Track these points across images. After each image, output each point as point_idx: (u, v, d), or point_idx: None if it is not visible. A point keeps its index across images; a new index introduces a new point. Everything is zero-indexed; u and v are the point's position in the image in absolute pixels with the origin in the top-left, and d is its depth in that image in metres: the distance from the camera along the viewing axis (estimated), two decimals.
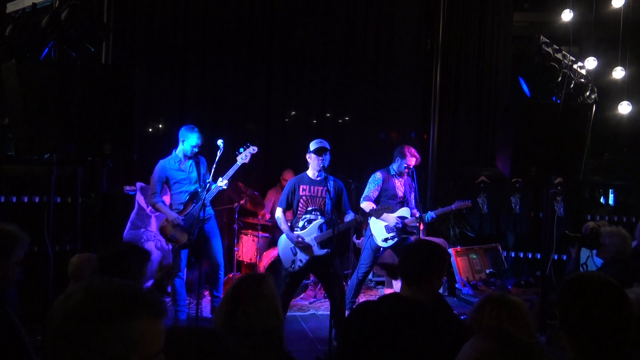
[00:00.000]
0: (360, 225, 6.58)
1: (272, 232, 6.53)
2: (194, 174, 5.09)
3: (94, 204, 5.54)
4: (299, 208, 4.62)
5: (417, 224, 5.21)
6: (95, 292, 1.10)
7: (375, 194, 5.15)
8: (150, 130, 6.82)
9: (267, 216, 6.57)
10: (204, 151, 5.39)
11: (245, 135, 7.11)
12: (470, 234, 6.97)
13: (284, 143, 7.14)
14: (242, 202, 6.20)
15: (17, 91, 3.39)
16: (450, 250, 6.40)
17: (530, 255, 6.86)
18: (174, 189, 5.07)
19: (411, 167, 5.15)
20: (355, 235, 6.65)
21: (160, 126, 6.89)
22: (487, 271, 6.45)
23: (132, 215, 5.90)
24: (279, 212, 4.67)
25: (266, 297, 1.93)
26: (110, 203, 5.93)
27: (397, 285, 6.10)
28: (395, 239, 5.13)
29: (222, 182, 4.95)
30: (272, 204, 6.67)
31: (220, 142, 4.97)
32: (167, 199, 5.24)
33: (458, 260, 6.37)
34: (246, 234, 6.42)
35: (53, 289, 3.66)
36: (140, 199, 5.94)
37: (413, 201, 5.25)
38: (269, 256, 5.93)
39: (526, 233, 6.90)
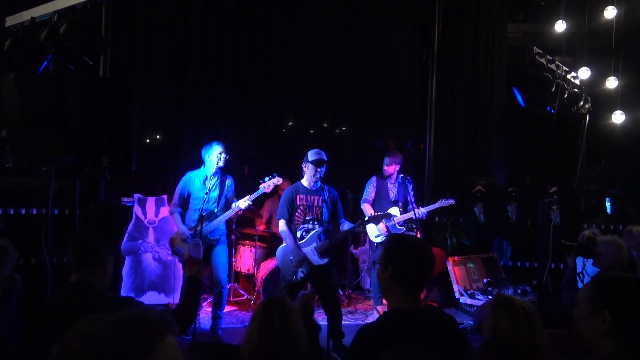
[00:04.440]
0: (358, 235, 6.62)
1: (270, 242, 6.53)
2: (215, 194, 4.99)
3: (92, 216, 5.56)
4: (296, 218, 4.61)
5: (414, 228, 5.56)
6: (102, 341, 0.96)
7: (372, 195, 5.70)
8: (148, 141, 6.84)
9: (262, 227, 6.57)
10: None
11: (243, 146, 7.14)
12: (467, 243, 6.98)
13: (281, 153, 7.17)
14: (239, 213, 6.21)
15: (16, 104, 3.42)
16: (448, 260, 6.41)
17: (527, 264, 6.87)
18: (192, 204, 5.01)
19: (389, 173, 5.65)
20: (352, 245, 6.66)
21: (158, 137, 6.92)
22: (485, 280, 6.46)
23: (130, 226, 5.91)
24: (282, 226, 4.61)
25: (293, 311, 2.18)
26: (108, 214, 5.94)
27: None
28: (386, 235, 5.54)
29: (244, 203, 4.90)
30: (269, 215, 6.68)
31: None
32: None
33: (455, 270, 6.37)
34: (244, 245, 6.42)
35: None
36: (137, 210, 5.96)
37: (410, 204, 5.52)
38: (266, 267, 5.93)
39: (523, 242, 6.91)
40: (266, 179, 4.90)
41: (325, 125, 7.47)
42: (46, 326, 2.27)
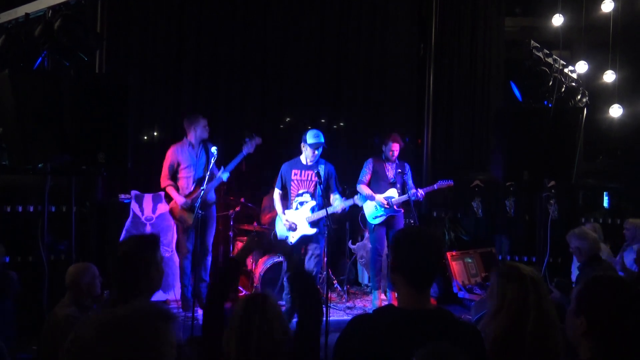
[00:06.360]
0: (357, 231, 6.62)
1: None
2: (203, 161, 5.29)
3: (89, 213, 5.56)
4: (292, 190, 4.89)
5: (412, 203, 5.53)
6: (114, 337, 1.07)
7: (368, 177, 5.73)
8: (145, 138, 6.81)
9: (266, 219, 6.59)
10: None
11: (239, 142, 7.11)
12: (465, 237, 6.98)
13: (278, 149, 7.15)
14: (237, 209, 6.22)
15: (11, 101, 3.40)
16: (446, 255, 6.41)
17: (525, 259, 6.87)
18: (182, 173, 5.30)
19: (395, 152, 5.66)
20: (350, 241, 6.66)
21: (154, 134, 6.88)
22: (483, 275, 6.46)
23: (127, 223, 5.89)
24: (275, 194, 5.00)
25: (275, 315, 2.00)
26: (105, 212, 5.93)
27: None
28: (384, 216, 5.60)
29: (224, 174, 5.23)
30: (267, 210, 6.67)
31: (214, 149, 5.00)
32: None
33: (453, 264, 6.38)
34: (242, 241, 6.41)
35: (48, 298, 3.64)
36: (135, 207, 5.94)
37: (408, 185, 5.66)
38: (264, 263, 5.92)
39: (521, 236, 6.91)
40: (247, 139, 5.20)
41: (322, 121, 7.44)
42: None
